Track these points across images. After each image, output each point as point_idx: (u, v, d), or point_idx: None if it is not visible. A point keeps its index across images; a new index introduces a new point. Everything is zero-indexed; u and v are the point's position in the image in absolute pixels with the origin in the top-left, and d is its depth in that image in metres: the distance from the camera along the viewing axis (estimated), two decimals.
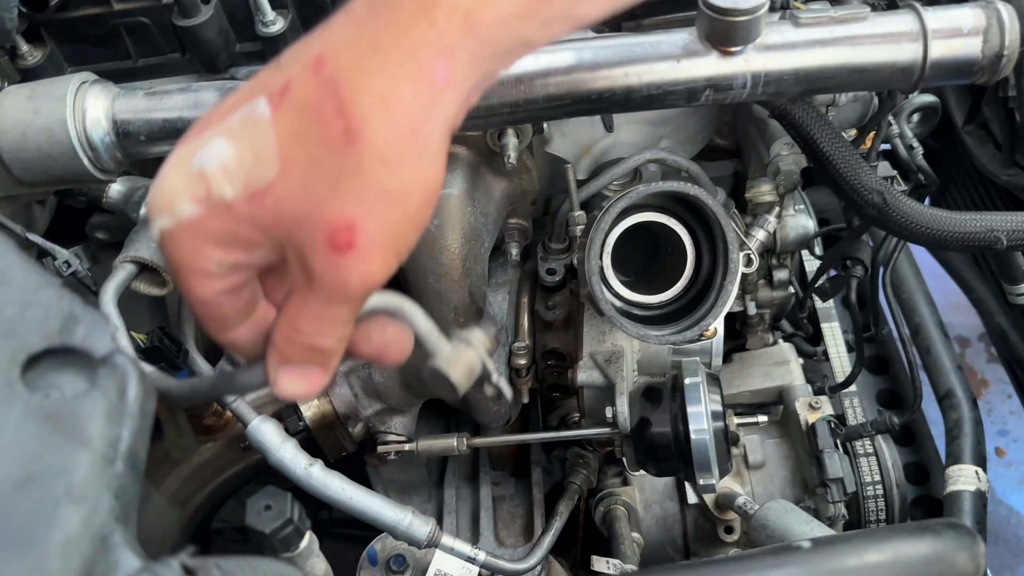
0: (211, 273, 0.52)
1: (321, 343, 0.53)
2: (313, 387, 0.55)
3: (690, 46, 0.74)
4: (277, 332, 0.54)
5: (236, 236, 0.51)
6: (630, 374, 1.03)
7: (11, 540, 0.38)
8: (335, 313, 0.52)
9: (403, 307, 0.58)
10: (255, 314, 0.57)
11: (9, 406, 0.42)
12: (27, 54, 0.93)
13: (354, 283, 0.50)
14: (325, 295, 0.51)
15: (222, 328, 0.56)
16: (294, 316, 0.53)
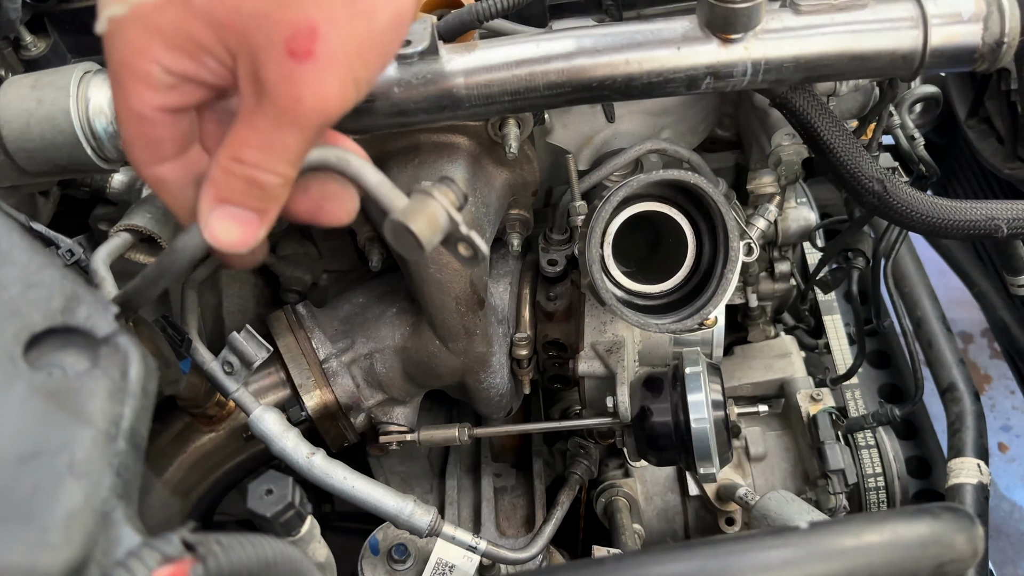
0: (154, 80, 0.48)
1: (263, 178, 0.49)
2: (248, 236, 0.51)
3: (690, 33, 0.74)
4: (216, 165, 0.50)
5: (188, 37, 0.47)
6: (631, 364, 1.03)
7: (15, 514, 0.38)
8: (283, 140, 0.48)
9: (347, 159, 0.53)
10: (188, 154, 0.53)
11: (13, 383, 0.43)
12: (30, 45, 0.94)
13: (308, 100, 0.47)
14: (276, 114, 0.47)
15: (151, 157, 0.52)
16: (238, 144, 0.49)
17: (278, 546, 0.44)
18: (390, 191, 0.53)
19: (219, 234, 0.51)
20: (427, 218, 0.53)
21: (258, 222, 0.51)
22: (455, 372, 1.06)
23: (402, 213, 0.53)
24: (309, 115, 0.48)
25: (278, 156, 0.49)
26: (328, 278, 1.27)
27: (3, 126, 0.81)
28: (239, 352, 0.90)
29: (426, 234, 0.53)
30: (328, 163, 0.53)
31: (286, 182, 0.51)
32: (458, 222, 0.54)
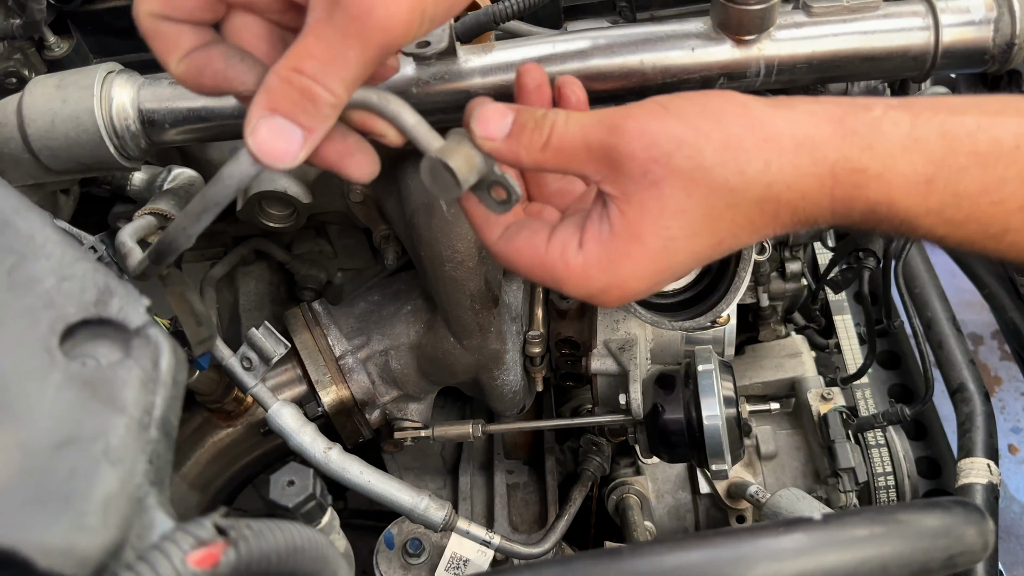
0: None
1: (319, 91, 0.50)
2: (290, 150, 0.51)
3: (704, 34, 0.76)
4: (273, 73, 0.51)
5: None
6: (643, 362, 1.04)
7: (54, 497, 0.39)
8: (346, 54, 0.50)
9: (387, 98, 0.54)
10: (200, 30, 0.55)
11: (49, 373, 0.44)
12: (54, 45, 0.96)
13: (379, 13, 0.49)
14: (344, 24, 0.49)
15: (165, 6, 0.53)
16: (300, 54, 0.50)
17: (306, 532, 0.46)
18: (427, 132, 0.54)
19: (264, 142, 0.51)
20: (464, 156, 0.54)
21: (301, 141, 0.51)
22: (469, 369, 1.07)
23: (440, 151, 0.53)
24: (376, 31, 0.49)
25: (337, 70, 0.50)
26: (343, 276, 1.29)
27: (28, 125, 0.82)
28: (258, 348, 0.91)
29: (463, 171, 0.53)
30: (369, 102, 0.54)
31: (337, 104, 0.52)
32: (493, 162, 0.55)
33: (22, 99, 0.83)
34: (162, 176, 0.97)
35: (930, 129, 0.53)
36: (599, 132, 0.55)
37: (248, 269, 1.27)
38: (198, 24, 0.55)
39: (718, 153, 0.54)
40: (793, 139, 0.53)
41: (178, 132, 0.83)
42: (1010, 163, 0.52)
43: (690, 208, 0.54)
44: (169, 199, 0.91)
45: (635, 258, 0.56)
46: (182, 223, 0.59)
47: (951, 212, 0.53)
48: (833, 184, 0.53)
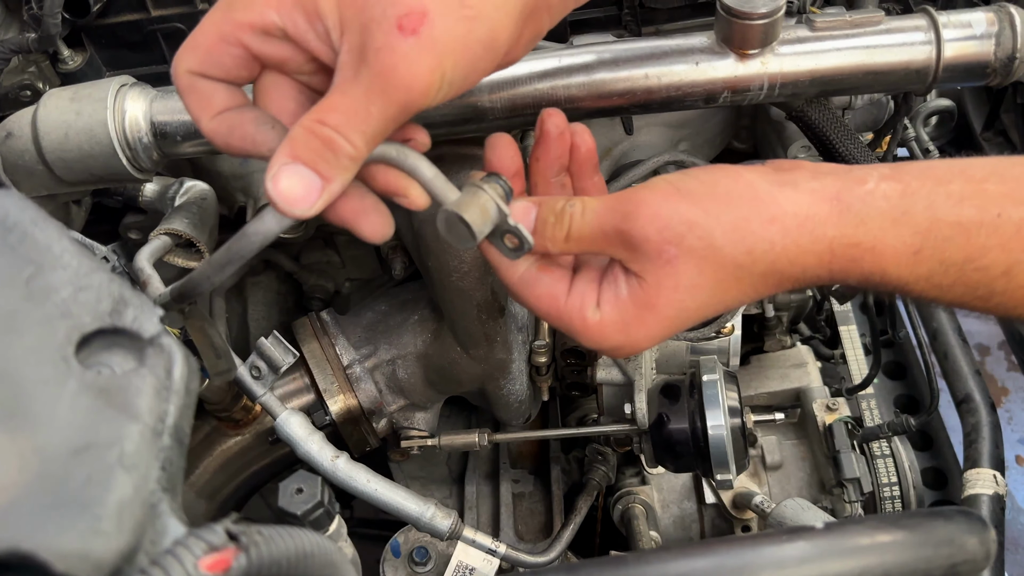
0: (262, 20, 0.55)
1: (339, 142, 0.53)
2: (308, 197, 0.54)
3: (708, 49, 0.77)
4: (298, 125, 0.54)
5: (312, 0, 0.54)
6: (648, 372, 1.05)
7: (70, 503, 0.40)
8: (368, 108, 0.52)
9: (405, 154, 0.56)
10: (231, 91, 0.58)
11: (66, 381, 0.45)
12: (68, 59, 0.97)
13: (401, 72, 0.51)
14: (369, 80, 0.52)
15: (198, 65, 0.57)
16: (325, 108, 0.53)
17: (315, 539, 0.46)
18: (444, 184, 0.56)
19: (283, 188, 0.53)
20: (479, 209, 0.56)
21: (320, 189, 0.54)
22: (475, 378, 1.08)
23: (455, 204, 0.56)
24: (398, 89, 0.52)
25: (359, 124, 0.53)
26: (351, 286, 1.30)
27: (43, 137, 0.84)
28: (267, 357, 0.92)
29: (478, 224, 0.56)
30: (388, 155, 0.56)
31: (356, 156, 0.54)
32: (506, 213, 0.57)
33: (37, 112, 0.85)
34: (174, 188, 0.99)
35: (917, 201, 0.57)
36: (613, 219, 0.60)
37: (257, 279, 1.28)
38: (232, 84, 0.58)
39: (727, 234, 0.58)
40: (796, 219, 0.57)
41: (190, 145, 0.84)
42: (991, 232, 0.55)
43: (702, 283, 0.59)
44: (182, 217, 0.92)
45: (649, 324, 0.61)
46: (206, 271, 0.61)
47: (939, 278, 0.57)
48: (831, 259, 0.58)
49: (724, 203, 0.58)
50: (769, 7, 0.72)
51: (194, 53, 0.57)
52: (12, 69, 0.95)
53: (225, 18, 0.56)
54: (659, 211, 0.58)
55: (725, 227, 0.58)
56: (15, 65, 0.95)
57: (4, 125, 0.87)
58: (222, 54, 0.57)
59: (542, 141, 0.67)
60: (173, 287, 0.67)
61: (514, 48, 0.59)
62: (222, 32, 0.56)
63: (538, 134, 0.68)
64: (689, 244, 0.58)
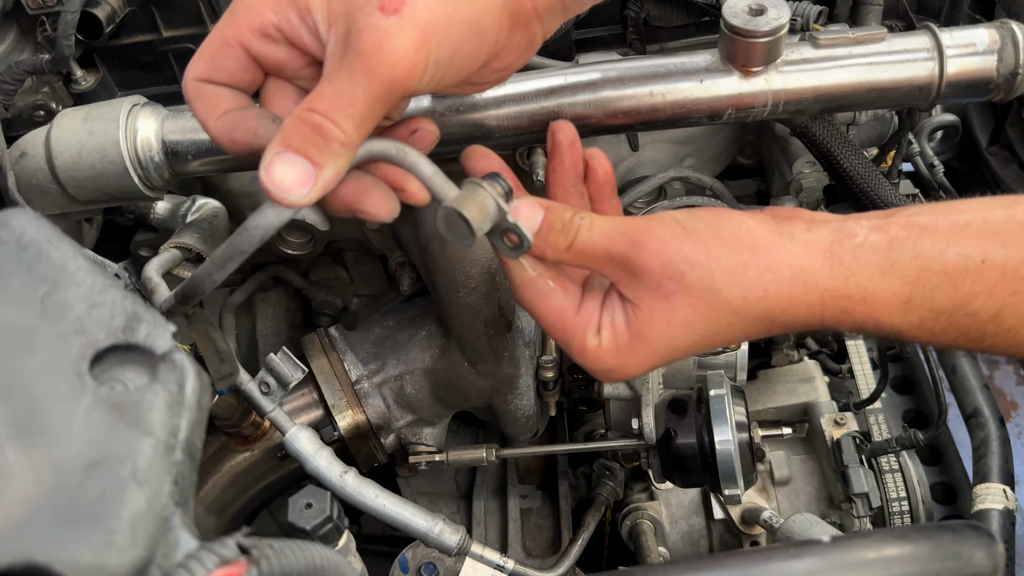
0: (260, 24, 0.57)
1: (327, 126, 0.53)
2: (301, 183, 0.54)
3: (713, 66, 0.77)
4: (290, 117, 0.55)
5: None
6: (656, 387, 1.05)
7: (84, 517, 0.41)
8: (354, 90, 0.53)
9: (404, 151, 0.57)
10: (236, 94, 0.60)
11: (80, 396, 0.46)
12: (81, 79, 0.99)
13: (385, 51, 0.52)
14: (352, 61, 0.53)
15: (205, 71, 0.59)
16: (314, 96, 0.54)
17: (325, 553, 0.47)
18: (443, 182, 0.57)
19: (276, 175, 0.54)
20: (478, 206, 0.57)
21: (314, 176, 0.54)
22: (483, 393, 1.08)
23: (455, 201, 0.56)
24: (382, 67, 0.53)
25: (345, 107, 0.53)
26: (359, 302, 1.30)
27: (56, 156, 0.85)
28: (276, 373, 0.93)
29: (477, 220, 0.56)
30: (388, 153, 0.57)
31: (346, 141, 0.54)
32: (506, 211, 0.58)
33: (50, 131, 0.86)
34: (186, 206, 1.00)
35: (904, 252, 0.59)
36: (621, 245, 0.61)
37: (266, 295, 1.29)
38: (237, 89, 0.60)
39: (725, 277, 0.60)
40: (790, 269, 0.60)
41: (200, 163, 0.86)
42: (977, 278, 0.57)
43: (695, 322, 0.61)
44: (193, 232, 0.94)
45: (640, 354, 0.64)
46: (208, 269, 0.61)
47: (931, 324, 0.59)
48: (822, 309, 0.60)
49: (726, 247, 0.61)
50: (772, 25, 0.73)
51: (200, 61, 0.59)
52: (26, 90, 0.96)
53: (228, 24, 0.58)
54: (665, 247, 0.61)
55: (724, 270, 0.60)
56: (29, 86, 0.97)
57: (18, 145, 0.88)
58: (224, 58, 0.59)
59: (555, 152, 0.69)
60: (177, 289, 0.68)
61: (505, 50, 0.60)
62: (224, 37, 0.58)
63: (550, 146, 0.69)
64: (688, 283, 0.60)
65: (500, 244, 0.60)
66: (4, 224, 0.50)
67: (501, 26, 0.57)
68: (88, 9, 0.90)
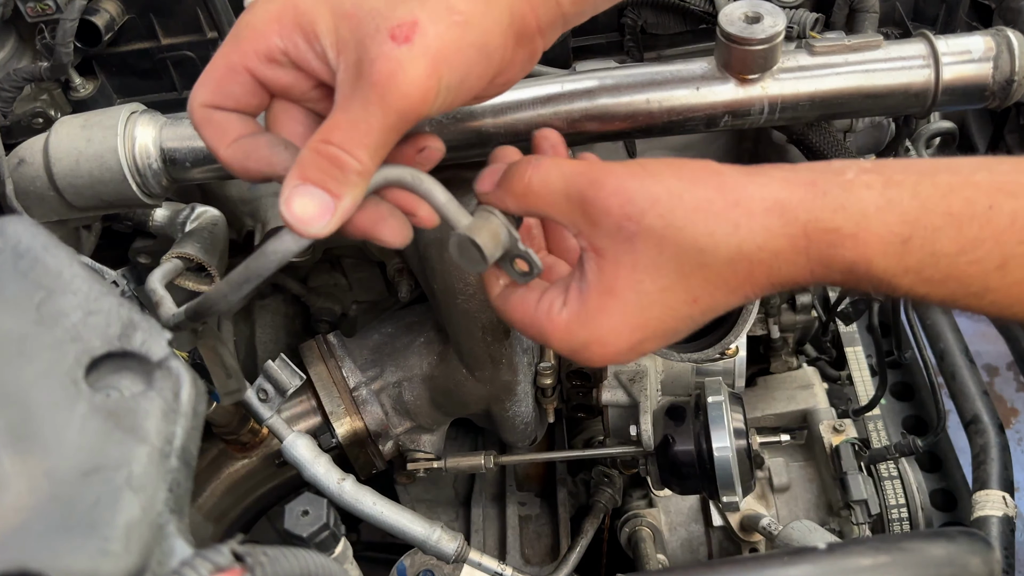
0: (266, 48, 0.57)
1: (344, 158, 0.54)
2: (321, 216, 0.54)
3: (709, 74, 0.78)
4: (306, 148, 0.55)
5: (312, 19, 0.55)
6: (654, 394, 1.05)
7: (79, 524, 0.41)
8: (368, 120, 0.53)
9: (419, 178, 0.58)
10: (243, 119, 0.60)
11: (75, 404, 0.46)
12: (79, 86, 0.99)
13: (398, 80, 0.52)
14: (366, 91, 0.53)
15: (212, 98, 0.59)
16: (329, 128, 0.54)
17: (320, 560, 0.47)
18: (456, 209, 0.58)
19: (296, 209, 0.54)
20: (490, 233, 0.57)
21: (332, 207, 0.55)
22: (481, 400, 1.08)
23: (467, 228, 0.57)
24: (396, 97, 0.53)
25: (361, 138, 0.54)
26: (357, 309, 1.31)
27: (54, 163, 0.85)
28: (274, 380, 0.93)
29: (489, 248, 0.57)
30: (403, 180, 0.58)
31: (363, 171, 0.55)
32: (517, 238, 0.58)
33: (48, 139, 0.86)
34: (184, 213, 1.00)
35: (903, 190, 0.54)
36: (579, 183, 0.58)
37: (264, 302, 1.29)
38: (244, 114, 0.60)
39: (688, 214, 0.56)
40: (763, 203, 0.55)
41: (199, 170, 0.86)
42: (984, 223, 0.52)
43: (662, 264, 0.56)
44: (194, 242, 0.94)
45: (611, 312, 0.59)
46: (223, 290, 0.62)
47: (930, 272, 0.53)
48: (807, 244, 0.54)
49: (688, 183, 0.56)
50: (768, 33, 0.73)
51: (206, 87, 0.59)
52: (25, 97, 0.97)
53: (233, 49, 0.58)
54: (623, 185, 0.57)
55: (687, 207, 0.56)
56: (27, 93, 0.97)
57: (16, 152, 0.89)
58: (231, 84, 0.59)
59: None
60: (188, 306, 0.68)
61: (509, 67, 0.60)
62: (230, 63, 0.58)
63: (533, 151, 0.68)
64: (649, 222, 0.56)
65: (510, 270, 0.61)
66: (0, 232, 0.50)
67: (507, 45, 0.58)
68: (87, 17, 0.91)
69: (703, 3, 0.92)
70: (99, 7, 0.92)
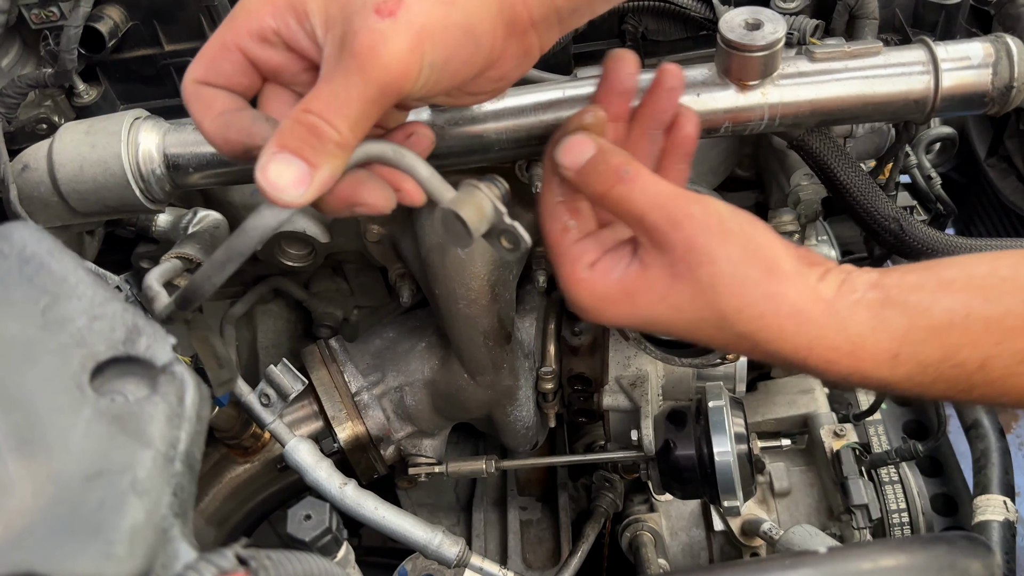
0: (259, 28, 0.57)
1: (322, 127, 0.54)
2: (298, 183, 0.55)
3: (709, 80, 0.78)
4: (287, 118, 0.55)
5: (302, 1, 0.56)
6: (655, 398, 1.06)
7: (84, 528, 0.41)
8: (348, 91, 0.54)
9: (401, 153, 0.57)
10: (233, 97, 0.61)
11: (80, 408, 0.46)
12: (83, 93, 0.99)
13: (380, 52, 0.53)
14: (347, 62, 0.53)
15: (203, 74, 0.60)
16: (310, 98, 0.55)
17: (323, 564, 0.47)
18: (440, 184, 0.57)
19: (271, 175, 0.54)
20: (475, 207, 0.57)
21: (309, 176, 0.55)
22: (483, 405, 1.08)
23: (452, 202, 0.56)
24: (377, 68, 0.53)
25: (340, 108, 0.54)
26: (359, 314, 1.31)
27: (58, 169, 0.86)
28: (276, 385, 0.93)
29: (474, 221, 0.57)
30: (385, 155, 0.57)
31: (341, 141, 0.55)
32: (503, 212, 0.58)
33: (52, 144, 0.86)
34: (187, 218, 1.00)
35: (894, 309, 0.60)
36: (658, 217, 0.62)
37: (266, 307, 1.29)
38: (234, 92, 0.61)
39: (733, 286, 0.62)
40: (792, 307, 0.61)
41: (202, 176, 0.86)
42: (962, 332, 0.59)
43: (685, 309, 0.63)
44: (194, 243, 0.94)
45: (620, 309, 0.66)
46: (207, 272, 0.62)
47: (919, 378, 0.61)
48: (807, 354, 0.62)
49: (747, 257, 0.62)
50: (769, 39, 0.74)
51: (198, 63, 0.60)
52: (29, 103, 0.97)
53: (227, 28, 0.59)
54: (697, 236, 0.62)
55: (736, 279, 0.61)
56: (31, 99, 0.97)
57: (20, 158, 0.89)
58: (223, 61, 0.59)
59: (653, 90, 0.70)
60: (177, 294, 0.68)
61: (501, 59, 0.60)
62: (223, 41, 0.59)
63: (653, 83, 0.70)
64: (698, 275, 0.62)
65: (497, 245, 0.60)
66: (6, 237, 0.51)
67: (496, 33, 0.58)
68: (91, 24, 0.91)
69: (703, 10, 0.93)
70: (103, 14, 0.93)
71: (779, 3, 0.91)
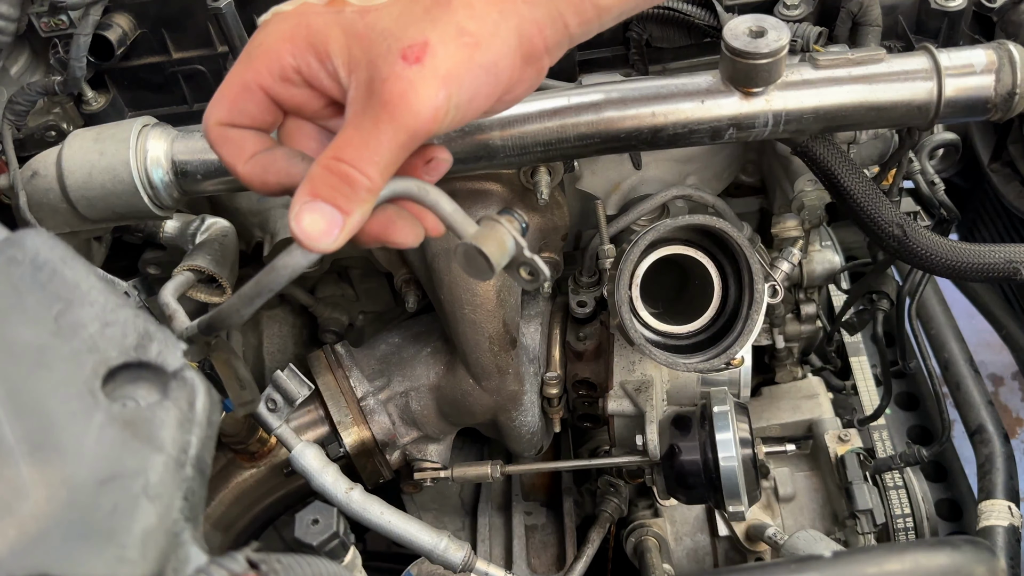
0: (279, 67, 0.58)
1: (354, 175, 0.55)
2: (330, 232, 0.55)
3: (714, 87, 0.79)
4: (316, 164, 0.56)
5: (325, 40, 0.56)
6: (660, 403, 1.06)
7: (97, 532, 0.42)
8: (379, 138, 0.54)
9: (426, 190, 0.59)
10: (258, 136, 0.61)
11: (92, 413, 0.46)
12: (92, 100, 1.00)
13: (409, 99, 0.54)
14: (377, 110, 0.54)
15: (227, 116, 0.60)
16: (340, 144, 0.55)
17: (332, 568, 0.47)
18: (463, 219, 0.59)
19: (305, 225, 0.55)
20: (496, 242, 0.58)
21: (341, 222, 0.56)
22: (488, 410, 1.09)
23: (474, 237, 0.58)
24: (406, 115, 0.54)
25: (371, 155, 0.55)
26: (364, 319, 1.31)
27: (67, 176, 0.86)
28: (282, 390, 0.94)
29: (495, 256, 0.58)
30: (410, 192, 0.59)
31: (372, 188, 0.56)
32: (523, 246, 0.59)
33: (61, 151, 0.87)
34: (195, 225, 1.01)
35: None
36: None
37: (272, 312, 1.30)
38: (259, 130, 0.62)
39: None
40: None
41: (209, 183, 0.87)
42: None
43: None
44: (205, 254, 0.95)
45: None
46: (236, 304, 0.63)
47: None
48: None
49: None
50: (773, 47, 0.74)
51: (220, 105, 0.60)
52: (38, 110, 0.98)
53: (246, 68, 0.59)
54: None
55: None
56: (41, 107, 0.98)
57: (30, 164, 0.90)
58: (246, 102, 0.60)
59: None
60: (201, 319, 0.69)
61: (516, 85, 0.61)
62: (244, 81, 0.59)
63: None
64: None
65: (516, 276, 0.62)
66: (19, 244, 0.51)
67: (515, 65, 0.59)
68: (100, 32, 0.92)
69: (708, 17, 0.93)
70: (112, 22, 0.94)
71: (783, 10, 0.92)
